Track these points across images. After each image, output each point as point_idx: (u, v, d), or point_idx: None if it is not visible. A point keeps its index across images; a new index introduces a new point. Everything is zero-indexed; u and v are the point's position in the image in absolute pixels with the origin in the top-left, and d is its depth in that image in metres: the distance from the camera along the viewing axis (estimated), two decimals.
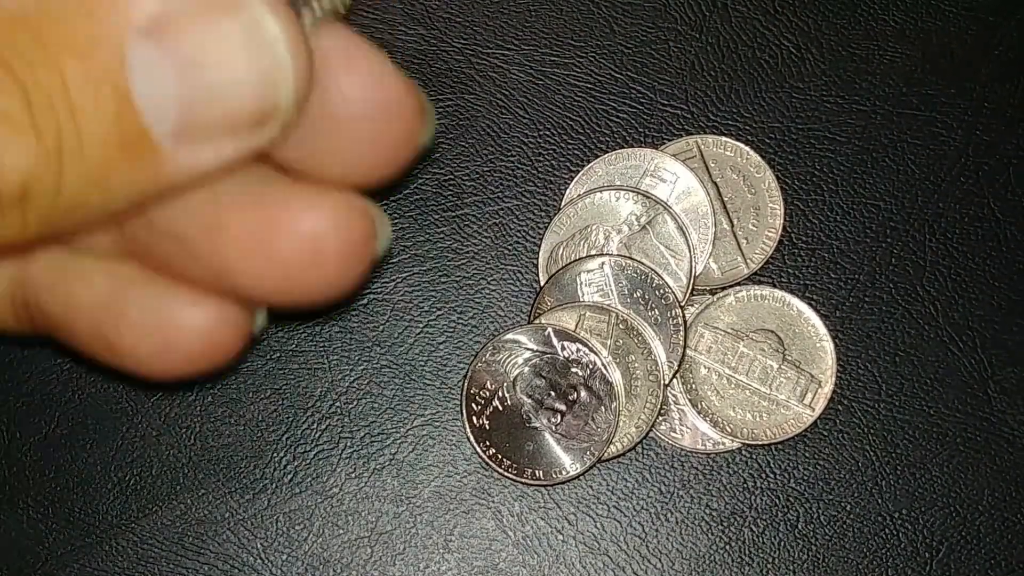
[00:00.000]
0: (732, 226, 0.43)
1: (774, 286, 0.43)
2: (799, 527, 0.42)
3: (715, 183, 0.44)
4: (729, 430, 0.42)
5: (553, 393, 0.42)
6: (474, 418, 0.42)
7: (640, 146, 0.44)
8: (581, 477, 0.42)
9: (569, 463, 0.42)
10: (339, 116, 0.25)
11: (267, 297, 0.25)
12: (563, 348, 0.42)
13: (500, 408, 0.42)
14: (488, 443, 0.42)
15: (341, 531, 0.42)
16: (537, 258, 0.43)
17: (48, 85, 0.21)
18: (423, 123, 0.26)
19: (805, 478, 0.42)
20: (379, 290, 0.43)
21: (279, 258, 0.24)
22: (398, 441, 0.43)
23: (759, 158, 0.43)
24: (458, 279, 0.43)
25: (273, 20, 0.23)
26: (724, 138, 0.44)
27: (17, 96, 0.21)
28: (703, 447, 0.42)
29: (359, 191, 0.26)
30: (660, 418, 0.42)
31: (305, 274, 0.25)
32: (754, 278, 0.43)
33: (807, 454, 0.42)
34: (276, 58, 0.23)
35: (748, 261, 0.43)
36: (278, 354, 0.43)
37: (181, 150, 0.23)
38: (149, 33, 0.22)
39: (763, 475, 0.42)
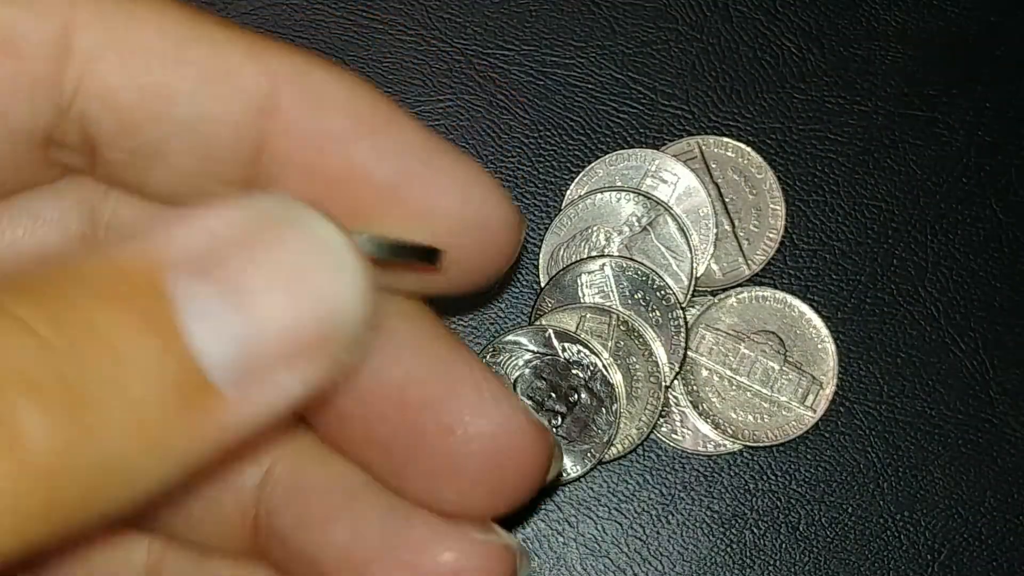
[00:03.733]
0: (733, 227, 0.43)
1: (775, 287, 0.43)
2: (801, 529, 0.42)
3: (716, 184, 0.43)
4: (730, 432, 0.42)
5: (554, 395, 0.42)
6: None
7: (641, 147, 0.43)
8: (582, 479, 0.42)
9: (570, 465, 0.42)
10: (463, 452, 0.24)
11: None
12: (564, 350, 0.42)
13: None
14: None
15: None
16: (537, 259, 0.43)
17: (81, 346, 0.18)
18: (550, 460, 0.25)
19: (807, 480, 0.42)
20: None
21: None
22: None
23: (760, 159, 0.43)
24: None
25: (330, 231, 0.21)
26: (725, 139, 0.43)
27: (44, 361, 0.18)
28: (704, 449, 0.42)
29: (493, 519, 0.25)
30: (661, 420, 0.42)
31: None
32: (755, 279, 0.43)
33: (809, 456, 0.42)
34: (340, 274, 0.21)
35: (749, 262, 0.43)
36: None
37: (244, 393, 0.20)
38: (200, 273, 0.20)
39: (764, 477, 0.42)
